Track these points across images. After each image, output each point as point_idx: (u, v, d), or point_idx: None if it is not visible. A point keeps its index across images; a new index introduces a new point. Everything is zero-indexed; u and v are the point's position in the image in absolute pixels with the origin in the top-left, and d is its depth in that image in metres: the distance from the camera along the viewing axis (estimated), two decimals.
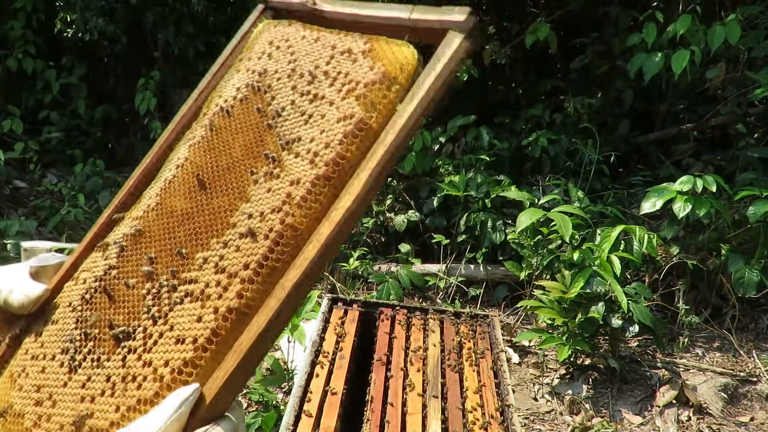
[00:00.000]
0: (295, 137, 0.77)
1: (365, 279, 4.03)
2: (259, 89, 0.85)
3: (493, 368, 1.85)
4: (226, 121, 0.85)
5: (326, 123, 0.76)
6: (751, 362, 3.34)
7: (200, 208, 0.78)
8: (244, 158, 0.79)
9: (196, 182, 0.80)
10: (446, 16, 0.75)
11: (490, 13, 5.94)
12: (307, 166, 0.73)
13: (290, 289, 0.65)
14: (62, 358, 0.76)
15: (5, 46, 5.47)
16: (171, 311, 0.71)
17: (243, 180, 0.77)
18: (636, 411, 2.98)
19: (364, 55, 0.79)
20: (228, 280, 0.69)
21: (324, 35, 0.86)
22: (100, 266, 0.81)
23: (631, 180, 4.61)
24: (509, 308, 3.88)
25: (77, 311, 0.79)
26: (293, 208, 0.71)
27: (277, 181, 0.75)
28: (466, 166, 4.41)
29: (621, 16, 4.82)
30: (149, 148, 0.93)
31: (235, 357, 0.64)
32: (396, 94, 0.74)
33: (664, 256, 3.63)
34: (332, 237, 0.67)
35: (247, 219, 0.73)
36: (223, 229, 0.74)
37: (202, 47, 5.59)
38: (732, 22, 3.70)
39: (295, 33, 0.89)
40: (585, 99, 4.82)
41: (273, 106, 0.83)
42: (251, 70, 0.89)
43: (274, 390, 2.82)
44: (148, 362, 0.68)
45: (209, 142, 0.84)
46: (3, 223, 4.38)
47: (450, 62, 0.72)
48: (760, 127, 4.57)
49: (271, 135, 0.80)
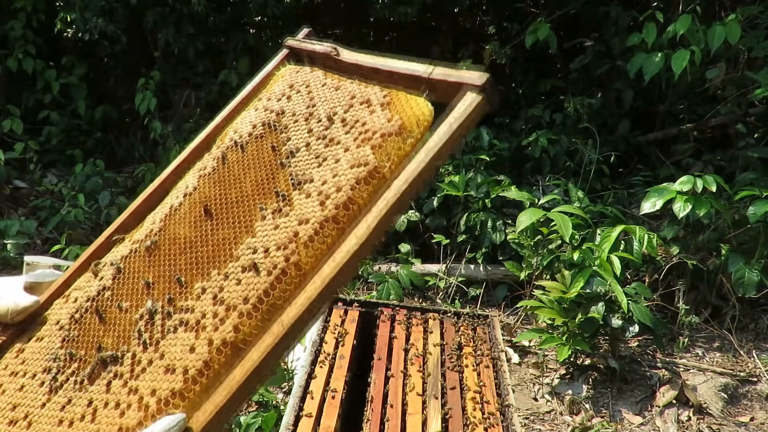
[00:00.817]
0: (307, 178, 0.78)
1: (365, 279, 4.03)
2: (275, 128, 0.87)
3: (493, 368, 1.85)
4: (239, 155, 0.86)
5: (339, 167, 0.76)
6: (751, 362, 3.34)
7: (204, 237, 0.78)
8: (254, 193, 0.79)
9: (202, 212, 0.80)
10: (465, 76, 0.77)
11: (490, 13, 5.94)
12: (317, 207, 0.73)
13: (289, 327, 0.65)
14: (43, 377, 0.74)
15: (5, 46, 5.47)
16: (163, 339, 0.69)
17: (251, 214, 0.77)
18: (636, 411, 2.98)
19: (383, 108, 0.80)
20: (226, 313, 0.68)
21: (344, 84, 0.88)
22: (94, 286, 0.80)
23: (631, 180, 4.61)
24: (509, 308, 3.88)
25: (65, 330, 0.77)
26: (300, 247, 0.71)
27: (286, 219, 0.75)
28: (466, 166, 4.41)
29: (621, 16, 4.82)
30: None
31: (226, 391, 0.62)
32: (411, 146, 0.76)
33: (664, 256, 3.63)
34: (335, 278, 0.67)
35: (252, 253, 0.73)
36: (225, 261, 0.74)
37: (202, 47, 5.59)
38: (732, 22, 3.70)
39: (316, 80, 0.91)
40: (585, 99, 4.82)
41: (288, 146, 0.83)
42: (269, 110, 0.91)
43: (274, 390, 2.82)
44: (134, 389, 0.66)
45: (220, 174, 0.85)
46: (3, 223, 4.38)
47: (466, 118, 0.74)
48: (760, 127, 4.57)
49: (283, 173, 0.80)
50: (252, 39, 5.74)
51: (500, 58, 5.01)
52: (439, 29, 5.78)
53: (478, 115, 0.75)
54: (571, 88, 5.18)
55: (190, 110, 5.58)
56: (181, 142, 5.14)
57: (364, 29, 6.55)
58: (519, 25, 5.31)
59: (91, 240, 4.61)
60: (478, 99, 0.74)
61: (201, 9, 5.10)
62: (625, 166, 5.03)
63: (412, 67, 0.84)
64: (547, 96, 5.52)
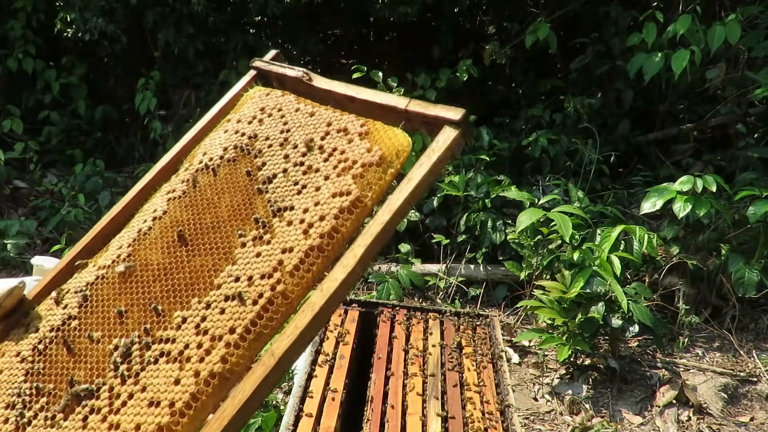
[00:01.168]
0: (287, 205, 0.78)
1: (365, 279, 4.03)
2: (249, 152, 0.87)
3: (493, 368, 1.85)
4: (211, 179, 0.85)
5: (321, 196, 0.77)
6: (751, 362, 3.34)
7: (180, 264, 0.76)
8: (231, 219, 0.79)
9: (175, 237, 0.79)
10: (443, 113, 0.80)
11: (490, 13, 5.94)
12: (301, 235, 0.74)
13: (280, 357, 0.64)
14: (7, 413, 0.70)
15: (5, 46, 5.47)
16: (143, 371, 0.67)
17: (229, 241, 0.77)
18: (636, 411, 2.98)
19: (361, 137, 0.81)
20: (211, 343, 0.67)
21: (319, 111, 0.88)
22: (58, 315, 0.77)
23: (631, 180, 4.61)
24: (509, 308, 3.88)
25: (27, 362, 0.73)
26: (285, 276, 0.70)
27: (268, 246, 0.74)
28: (466, 166, 4.41)
29: (621, 16, 4.82)
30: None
31: (218, 424, 0.61)
32: (391, 177, 0.78)
33: (664, 256, 3.63)
34: (324, 308, 0.67)
35: (234, 282, 0.72)
36: (205, 290, 0.73)
37: (202, 47, 5.59)
38: (732, 22, 3.70)
39: (289, 104, 0.91)
40: (585, 99, 4.82)
41: (264, 171, 0.83)
42: (240, 133, 0.90)
43: (274, 390, 2.82)
44: (115, 425, 0.64)
45: (191, 198, 0.83)
46: (3, 223, 4.38)
47: (444, 154, 0.77)
48: (760, 127, 4.57)
49: (261, 200, 0.80)
50: (252, 39, 5.74)
51: (500, 58, 5.01)
52: (439, 29, 5.78)
53: (457, 149, 0.79)
54: (571, 88, 5.18)
55: (190, 110, 5.57)
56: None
57: (364, 29, 6.55)
58: (519, 25, 5.31)
59: None
60: (454, 134, 0.78)
61: (201, 9, 5.10)
62: (625, 166, 5.03)
63: (388, 98, 0.86)
64: (547, 96, 5.52)
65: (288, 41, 6.08)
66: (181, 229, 0.80)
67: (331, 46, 6.75)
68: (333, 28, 6.68)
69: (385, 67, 5.64)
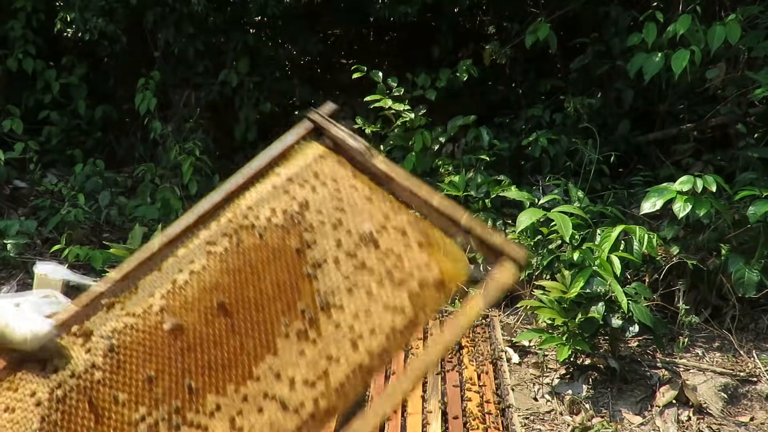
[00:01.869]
0: (336, 303, 0.73)
1: None
2: (299, 222, 0.81)
3: (493, 368, 1.85)
4: (256, 242, 0.79)
5: (373, 305, 0.72)
6: (751, 362, 3.34)
7: (219, 339, 0.71)
8: (276, 300, 0.74)
9: (215, 305, 0.74)
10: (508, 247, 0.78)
11: (490, 13, 5.94)
12: (349, 347, 0.69)
13: None
14: None
15: (5, 46, 5.47)
16: None
17: (272, 326, 0.72)
18: (636, 411, 2.98)
19: (420, 247, 0.76)
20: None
21: (377, 197, 0.82)
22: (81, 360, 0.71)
23: (631, 180, 4.61)
24: (509, 308, 3.88)
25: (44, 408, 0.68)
26: (330, 392, 0.67)
27: (313, 347, 0.70)
28: (466, 166, 4.41)
29: (621, 16, 4.82)
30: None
31: None
32: (444, 301, 0.75)
33: (664, 256, 3.63)
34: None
35: (275, 379, 0.68)
36: (243, 378, 0.68)
37: (202, 47, 5.58)
38: (732, 22, 3.70)
39: (345, 178, 0.85)
40: (585, 99, 4.82)
41: (314, 252, 0.78)
42: (291, 195, 0.83)
43: None
44: None
45: (234, 260, 0.78)
46: (3, 223, 4.38)
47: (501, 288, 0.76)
48: (760, 127, 4.57)
49: (309, 287, 0.75)
50: (252, 39, 5.74)
51: (500, 58, 5.01)
52: (439, 29, 5.78)
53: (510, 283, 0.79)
54: (571, 88, 5.18)
55: (190, 110, 5.57)
56: (181, 142, 5.14)
57: (364, 29, 6.56)
58: (519, 25, 5.31)
59: (91, 240, 4.62)
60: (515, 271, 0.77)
61: (201, 9, 5.10)
62: (625, 166, 5.02)
63: (450, 209, 0.83)
64: (547, 96, 5.52)
65: (288, 41, 6.08)
66: (222, 298, 0.75)
67: (331, 46, 6.75)
68: (333, 28, 6.68)
69: (385, 67, 5.64)
